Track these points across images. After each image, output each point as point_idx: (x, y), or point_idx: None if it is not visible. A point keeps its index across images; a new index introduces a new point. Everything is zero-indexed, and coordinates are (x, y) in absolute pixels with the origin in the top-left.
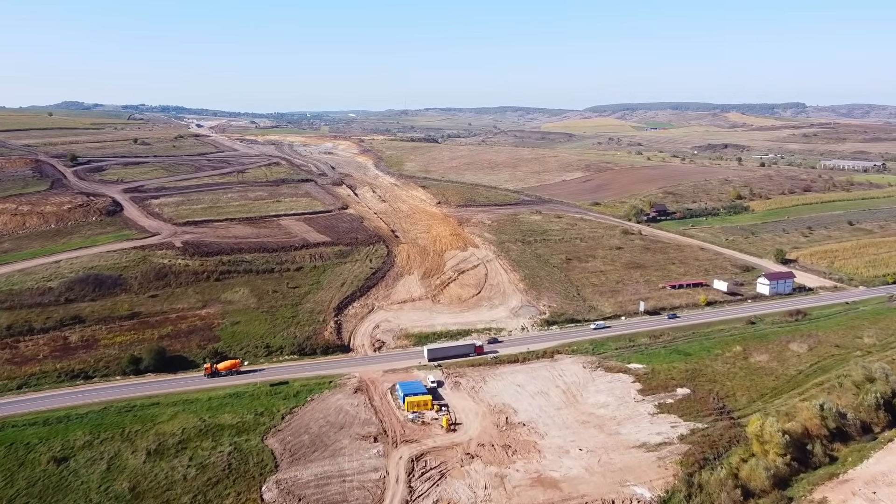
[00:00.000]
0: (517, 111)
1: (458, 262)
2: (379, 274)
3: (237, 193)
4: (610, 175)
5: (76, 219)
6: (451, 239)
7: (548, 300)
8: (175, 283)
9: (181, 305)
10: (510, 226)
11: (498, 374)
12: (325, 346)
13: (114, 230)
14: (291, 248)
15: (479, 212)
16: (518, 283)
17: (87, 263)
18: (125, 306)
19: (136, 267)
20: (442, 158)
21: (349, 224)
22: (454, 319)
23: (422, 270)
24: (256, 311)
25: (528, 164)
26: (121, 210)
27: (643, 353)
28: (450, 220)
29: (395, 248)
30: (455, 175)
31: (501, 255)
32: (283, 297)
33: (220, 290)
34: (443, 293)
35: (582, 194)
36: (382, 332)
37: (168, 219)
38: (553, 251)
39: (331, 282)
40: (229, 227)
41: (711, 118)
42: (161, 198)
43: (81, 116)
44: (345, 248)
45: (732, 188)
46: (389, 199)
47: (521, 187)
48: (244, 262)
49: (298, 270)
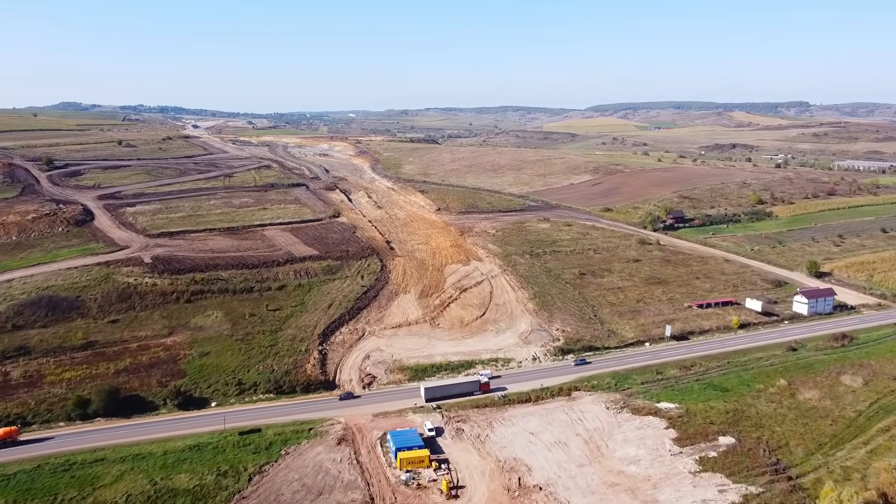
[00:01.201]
0: (518, 111)
1: (459, 278)
2: (371, 293)
3: (221, 200)
4: (620, 178)
5: (40, 230)
6: (451, 251)
7: (561, 323)
8: (140, 306)
9: (144, 332)
10: (516, 235)
11: (507, 418)
12: (307, 383)
13: (79, 243)
14: (274, 264)
15: (482, 219)
16: (527, 302)
17: (43, 283)
18: (79, 334)
19: (96, 287)
20: (442, 160)
21: (340, 234)
22: (455, 348)
23: (419, 288)
24: (230, 340)
25: (533, 166)
26: (91, 219)
27: (674, 389)
28: (450, 230)
29: (391, 262)
30: (456, 178)
31: (508, 270)
32: (261, 322)
33: (190, 314)
34: (443, 315)
35: (591, 199)
36: (373, 363)
37: (141, 229)
38: (564, 265)
39: (316, 303)
40: (207, 239)
41: (716, 117)
42: (138, 205)
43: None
44: (334, 263)
45: (752, 192)
46: (386, 206)
47: (527, 191)
48: (220, 281)
49: (281, 289)
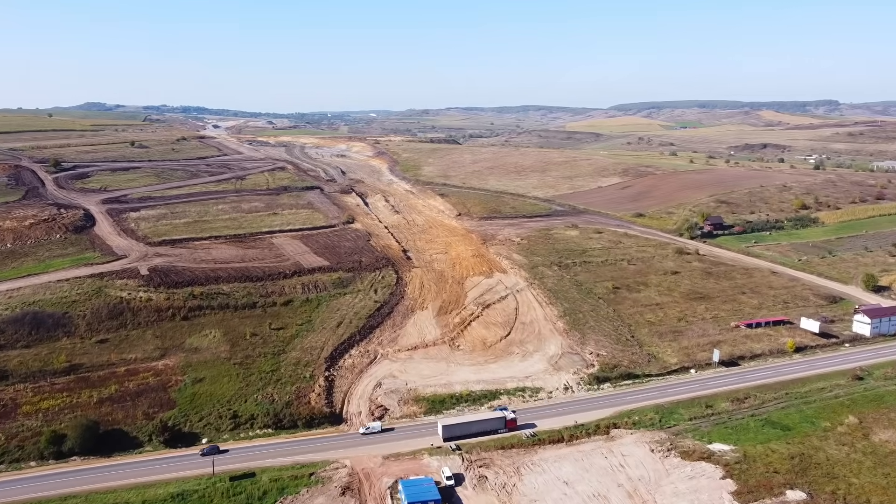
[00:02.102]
0: (540, 110)
1: (481, 292)
2: (385, 309)
3: (230, 204)
4: (651, 181)
5: (37, 237)
6: (473, 262)
7: (595, 345)
8: (132, 324)
9: (134, 354)
10: (543, 244)
11: (537, 463)
12: (310, 416)
13: (75, 251)
14: (280, 276)
15: (506, 226)
16: (556, 320)
17: (30, 297)
18: (63, 356)
19: (86, 302)
20: (463, 161)
21: (353, 243)
22: (477, 375)
23: (438, 304)
24: (227, 363)
25: (559, 168)
26: (92, 225)
27: (727, 427)
28: (472, 237)
29: (407, 273)
30: (477, 181)
31: (534, 283)
32: (262, 343)
33: (185, 333)
34: (463, 336)
35: (621, 203)
36: (385, 393)
37: (142, 237)
38: (596, 277)
39: (325, 321)
40: (211, 248)
41: (743, 116)
42: (142, 210)
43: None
44: (345, 276)
45: (794, 196)
46: (403, 210)
47: (552, 195)
48: (221, 295)
49: (287, 305)
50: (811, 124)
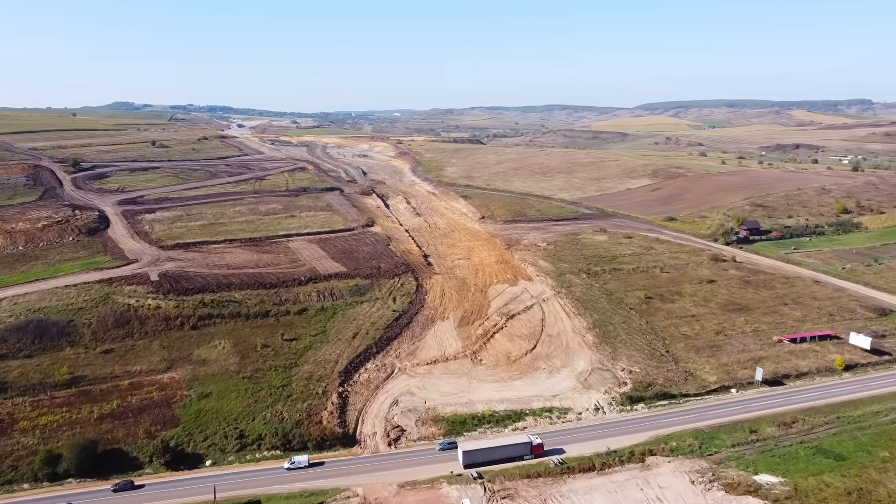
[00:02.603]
0: (564, 109)
1: (505, 301)
2: (404, 319)
3: (247, 206)
4: (682, 183)
5: (49, 239)
6: (497, 268)
7: (627, 361)
8: (138, 333)
9: (139, 366)
10: (570, 249)
11: (566, 495)
12: (321, 438)
13: (86, 255)
14: (295, 283)
15: (531, 229)
16: (585, 333)
17: (35, 303)
18: (65, 368)
19: (93, 309)
20: (487, 162)
21: (372, 247)
22: (501, 393)
23: (459, 314)
24: (236, 378)
25: (586, 169)
26: (105, 227)
27: (774, 455)
28: (495, 242)
29: (427, 280)
30: (502, 182)
31: (562, 292)
32: (274, 355)
33: (194, 344)
34: (486, 348)
35: (652, 206)
36: (403, 412)
37: (156, 240)
38: (627, 286)
39: (340, 331)
40: (225, 252)
41: (774, 116)
42: (158, 211)
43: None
44: (362, 283)
45: (833, 199)
46: (425, 213)
47: (579, 197)
48: (232, 303)
49: (301, 314)
50: (845, 124)
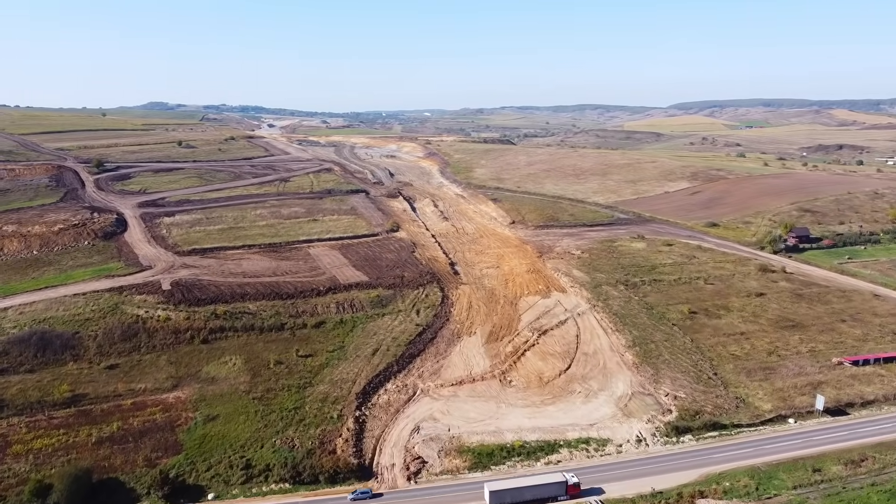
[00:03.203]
0: (596, 109)
1: (537, 315)
2: (428, 334)
3: (269, 209)
4: (724, 186)
5: (64, 243)
6: (528, 278)
7: (671, 384)
8: (146, 347)
9: (144, 384)
10: (606, 258)
11: None
12: (334, 469)
13: (100, 261)
14: (313, 293)
15: (564, 235)
16: (624, 351)
17: (41, 313)
18: (66, 385)
19: (100, 321)
20: (517, 163)
21: (396, 254)
22: (532, 420)
23: (487, 329)
24: (245, 398)
25: (621, 171)
26: (122, 231)
27: (843, 499)
28: (526, 249)
29: (453, 291)
30: (533, 184)
31: (598, 306)
32: (287, 373)
33: (203, 360)
34: (516, 368)
35: (691, 211)
36: (424, 440)
37: (172, 245)
38: (669, 299)
39: (359, 347)
40: (243, 259)
41: (814, 115)
42: (177, 214)
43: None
44: (385, 293)
45: (888, 204)
46: (452, 217)
47: (615, 201)
48: (246, 315)
49: (318, 327)
50: (889, 123)
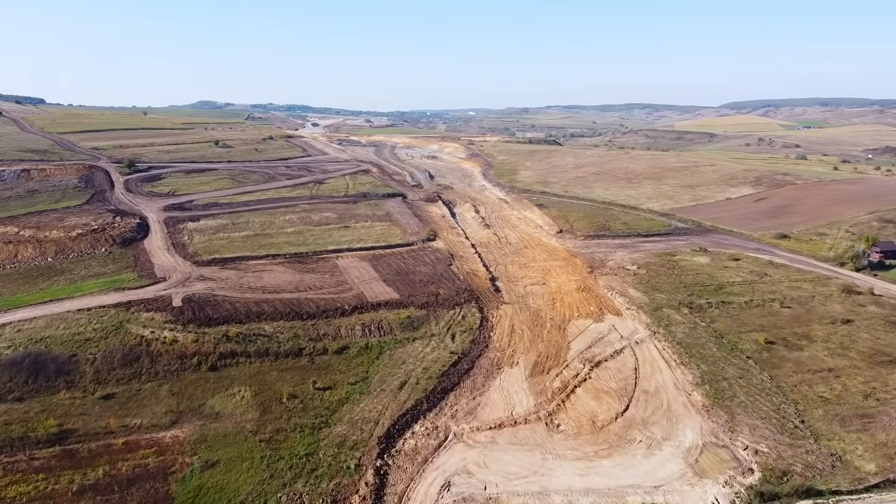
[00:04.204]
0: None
1: (589, 342)
2: (463, 364)
3: (299, 214)
4: (792, 192)
5: (80, 250)
6: (578, 297)
7: (750, 434)
8: (147, 374)
9: (140, 420)
10: (666, 274)
11: None
12: None
13: (113, 271)
14: (337, 312)
15: (617, 247)
16: (692, 390)
17: (40, 331)
18: (54, 418)
19: (101, 342)
20: (564, 165)
21: (432, 268)
22: (585, 479)
23: (532, 359)
24: (252, 440)
25: (677, 174)
26: (143, 237)
27: None
28: (576, 263)
29: (494, 312)
30: (581, 188)
31: (659, 333)
32: (302, 410)
33: (209, 391)
34: (564, 408)
35: (757, 220)
36: (456, 502)
37: (192, 253)
38: (740, 325)
39: (385, 379)
40: (265, 270)
41: (877, 115)
42: (202, 219)
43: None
44: (417, 314)
45: None
46: (494, 224)
47: (671, 208)
48: (261, 338)
49: (340, 353)
50: None
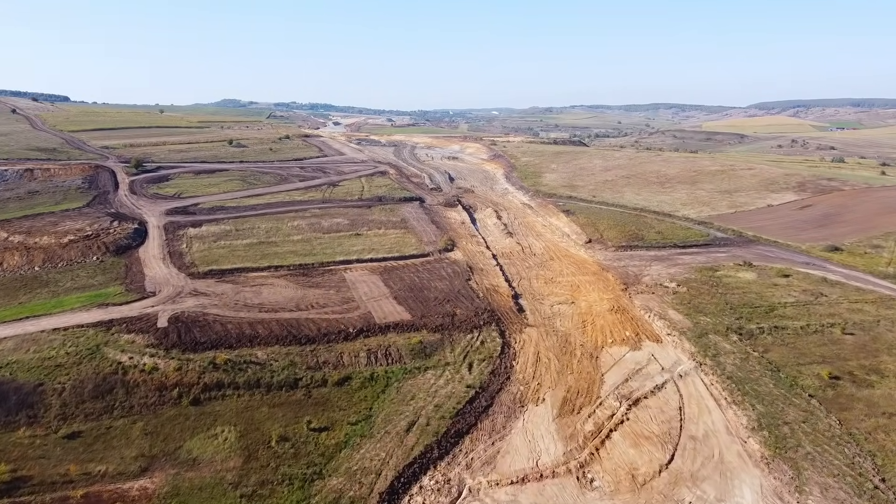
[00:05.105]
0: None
1: (625, 375)
2: (482, 400)
3: (308, 220)
4: (839, 199)
5: (70, 258)
6: (611, 320)
7: (822, 496)
8: (120, 409)
9: (104, 466)
10: (709, 293)
11: None
12: None
13: (101, 282)
14: (340, 336)
15: (652, 260)
16: (748, 436)
17: (8, 354)
18: (6, 463)
19: (73, 368)
20: (592, 168)
21: (448, 283)
22: None
23: (560, 394)
24: (232, 494)
25: (712, 179)
26: (138, 245)
27: None
28: (607, 278)
29: (517, 335)
30: (610, 193)
31: (706, 364)
32: (293, 456)
33: (188, 430)
34: (599, 458)
35: (803, 230)
36: None
37: (188, 263)
38: (798, 356)
39: (391, 418)
40: (264, 285)
41: None
42: (205, 224)
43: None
44: (430, 338)
45: None
46: (518, 232)
47: (708, 215)
48: (252, 366)
49: (341, 385)
50: None
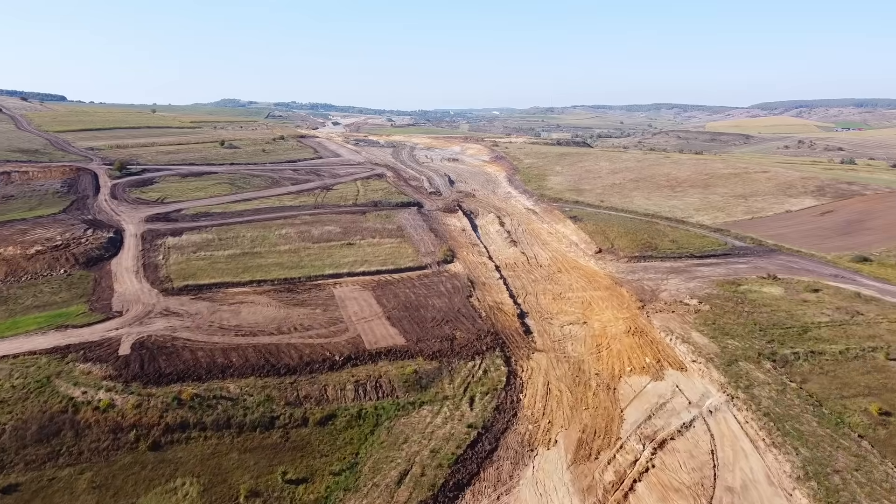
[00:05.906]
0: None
1: (647, 410)
2: (485, 443)
3: (297, 228)
4: (861, 204)
5: (35, 271)
6: (629, 344)
7: None
8: (67, 455)
9: None
10: (734, 311)
11: None
12: None
13: (65, 300)
14: (325, 366)
15: (669, 272)
16: (793, 487)
17: None
18: None
19: (17, 405)
20: (599, 170)
21: (447, 300)
22: None
23: (574, 434)
24: None
25: (726, 182)
26: (112, 255)
27: None
28: (622, 294)
29: (524, 363)
30: (619, 198)
31: (738, 397)
32: None
33: (142, 484)
34: None
35: (826, 237)
36: None
37: (163, 278)
38: (841, 386)
39: (380, 466)
40: (244, 303)
41: None
42: (185, 233)
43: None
44: (426, 367)
45: None
46: (522, 240)
47: (724, 222)
48: (222, 401)
49: (324, 424)
50: None
